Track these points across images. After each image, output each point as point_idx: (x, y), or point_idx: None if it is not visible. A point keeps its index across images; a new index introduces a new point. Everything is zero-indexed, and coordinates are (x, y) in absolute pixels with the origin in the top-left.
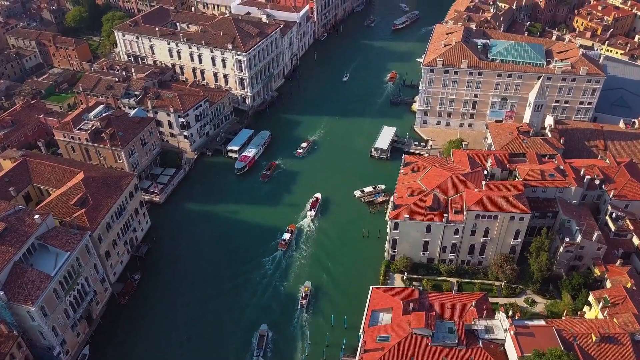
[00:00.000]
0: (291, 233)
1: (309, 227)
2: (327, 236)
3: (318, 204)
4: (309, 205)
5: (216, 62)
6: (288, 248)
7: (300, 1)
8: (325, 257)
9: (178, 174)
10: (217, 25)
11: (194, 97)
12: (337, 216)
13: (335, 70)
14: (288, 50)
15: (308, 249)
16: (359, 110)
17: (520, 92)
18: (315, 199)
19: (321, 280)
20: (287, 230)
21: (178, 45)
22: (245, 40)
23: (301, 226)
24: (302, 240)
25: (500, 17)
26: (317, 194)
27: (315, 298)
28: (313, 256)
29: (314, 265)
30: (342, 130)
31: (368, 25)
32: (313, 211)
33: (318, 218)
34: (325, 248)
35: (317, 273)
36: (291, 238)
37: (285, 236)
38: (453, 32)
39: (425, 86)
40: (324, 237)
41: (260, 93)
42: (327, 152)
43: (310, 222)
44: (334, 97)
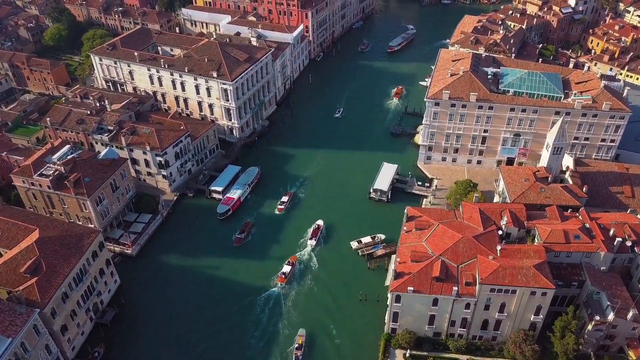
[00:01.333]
0: (292, 265)
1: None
2: (317, 302)
3: (292, 269)
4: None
5: (200, 91)
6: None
7: (295, 19)
8: (313, 325)
9: (155, 220)
10: (202, 50)
11: (173, 132)
12: (330, 274)
13: (331, 95)
14: (280, 74)
15: (297, 310)
16: (356, 142)
17: (535, 128)
18: (288, 264)
19: (315, 333)
20: (288, 262)
21: (159, 71)
22: (232, 67)
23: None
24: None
25: (510, 40)
26: (292, 256)
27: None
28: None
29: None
30: (337, 166)
31: (362, 50)
32: (288, 268)
33: (298, 281)
34: (314, 314)
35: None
36: (292, 271)
37: (285, 269)
38: (460, 59)
39: (430, 120)
40: (312, 302)
41: (250, 123)
42: (321, 192)
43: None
44: (329, 127)
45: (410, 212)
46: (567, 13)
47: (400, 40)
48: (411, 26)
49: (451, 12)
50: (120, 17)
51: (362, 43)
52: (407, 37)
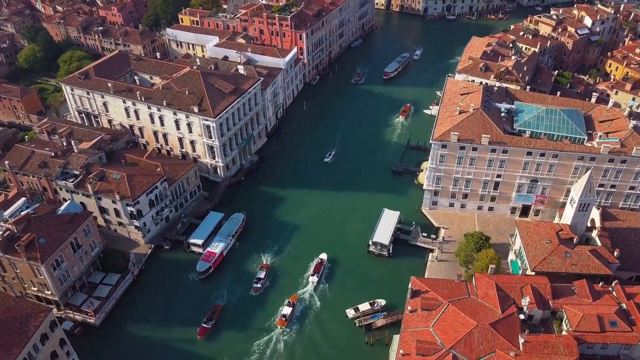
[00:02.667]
0: (293, 306)
1: None
2: None
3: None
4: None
5: (181, 126)
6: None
7: (288, 41)
8: None
9: (124, 281)
10: (183, 81)
11: (148, 177)
12: (321, 353)
13: (327, 125)
14: (271, 103)
15: None
16: (353, 181)
17: (555, 174)
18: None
19: None
20: (288, 303)
21: (135, 104)
22: (216, 101)
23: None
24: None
25: (523, 67)
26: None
27: None
28: None
29: None
30: (332, 212)
31: (356, 82)
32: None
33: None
34: None
35: None
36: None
37: (285, 310)
38: (469, 93)
39: (436, 163)
40: None
41: (236, 159)
42: (312, 245)
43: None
44: (324, 163)
45: (415, 284)
46: (583, 34)
47: (396, 66)
48: (418, 51)
49: (456, 28)
50: (100, 38)
51: (355, 73)
52: (403, 62)
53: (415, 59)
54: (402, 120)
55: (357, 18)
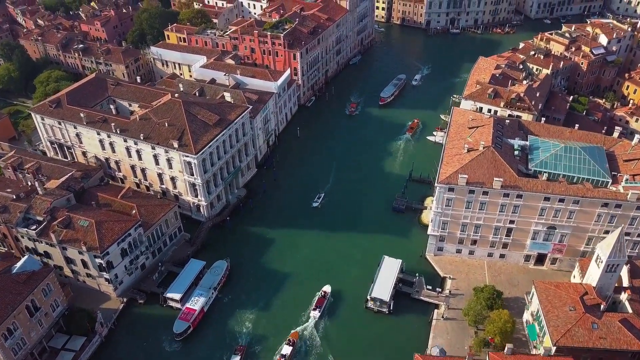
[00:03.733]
0: (293, 345)
1: None
2: None
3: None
4: None
5: (160, 161)
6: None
7: (281, 60)
8: None
9: (90, 344)
10: (162, 111)
11: (120, 223)
12: None
13: (322, 152)
14: (262, 131)
15: None
16: (350, 220)
17: (575, 221)
18: None
19: None
20: (288, 341)
21: (110, 136)
22: (198, 134)
23: None
24: None
25: (535, 92)
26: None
27: None
28: None
29: None
30: (326, 257)
31: (350, 113)
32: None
33: None
34: None
35: None
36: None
37: (285, 350)
38: (478, 127)
39: (442, 208)
40: None
41: (222, 196)
42: (303, 300)
43: None
44: (320, 193)
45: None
46: (598, 54)
47: (392, 90)
48: (418, 75)
49: (461, 43)
50: (80, 56)
51: (349, 103)
52: (400, 85)
53: (414, 85)
54: (408, 137)
55: (356, 33)
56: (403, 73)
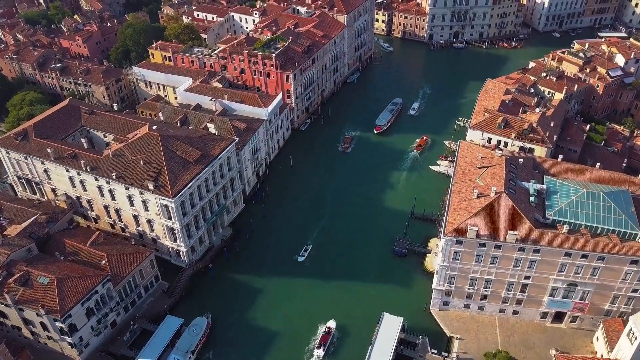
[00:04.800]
0: None
1: None
2: None
3: None
4: None
5: (135, 203)
6: None
7: (273, 82)
8: None
9: None
10: (138, 147)
11: (85, 279)
12: None
13: (316, 184)
14: (251, 162)
15: None
16: (346, 267)
17: (599, 278)
18: None
19: None
20: None
21: (80, 174)
22: (176, 174)
23: None
24: None
25: (549, 122)
26: None
27: None
28: None
29: None
30: (320, 310)
31: (344, 150)
32: None
33: None
34: None
35: None
36: None
37: None
38: (488, 167)
39: (449, 261)
40: None
41: (204, 238)
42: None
43: None
44: (312, 235)
45: None
46: (615, 77)
47: (388, 116)
48: (416, 103)
49: (465, 58)
50: (58, 76)
51: (343, 138)
52: (396, 110)
53: (412, 114)
54: (417, 154)
55: (354, 49)
56: (400, 96)
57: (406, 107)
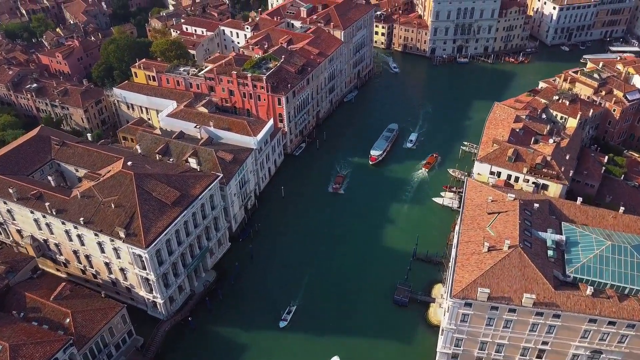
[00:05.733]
0: None
1: None
2: None
3: None
4: None
5: (106, 250)
6: None
7: (264, 105)
8: None
9: None
10: (110, 186)
11: (43, 345)
12: None
13: (309, 218)
14: (238, 196)
15: None
16: (340, 317)
17: (628, 346)
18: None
19: None
20: None
21: (46, 217)
22: (151, 219)
23: None
24: None
25: (564, 154)
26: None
27: None
28: None
29: None
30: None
31: (335, 190)
32: None
33: None
34: None
35: None
36: None
37: None
38: (499, 213)
39: (456, 324)
40: None
41: (185, 285)
42: None
43: None
44: (302, 286)
45: None
46: (634, 100)
47: (384, 145)
48: (395, 126)
49: (470, 74)
50: (34, 97)
51: (334, 177)
52: (392, 137)
53: (410, 148)
54: (424, 173)
55: (352, 65)
56: (400, 116)
57: (403, 132)
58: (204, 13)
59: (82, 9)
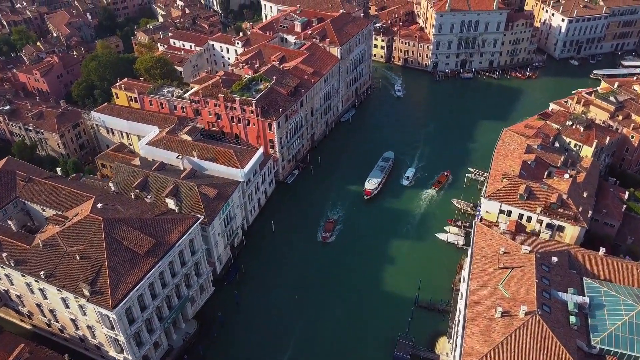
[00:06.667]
0: None
1: None
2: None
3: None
4: None
5: (70, 306)
6: None
7: (254, 130)
8: None
9: None
10: (77, 234)
11: None
12: None
13: (301, 257)
14: (223, 235)
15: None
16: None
17: None
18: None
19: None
20: None
21: (4, 267)
22: (120, 273)
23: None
24: None
25: (582, 191)
26: None
27: None
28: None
29: None
30: None
31: (324, 240)
32: None
33: None
34: None
35: None
36: None
37: None
38: (513, 268)
39: None
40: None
41: (161, 341)
42: None
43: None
44: (294, 334)
45: None
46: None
47: (379, 177)
48: (391, 155)
49: (474, 91)
50: (6, 120)
51: (323, 223)
52: (387, 167)
53: (406, 185)
54: (434, 192)
55: (349, 83)
56: (398, 139)
57: (400, 162)
58: (194, 25)
59: (65, 20)
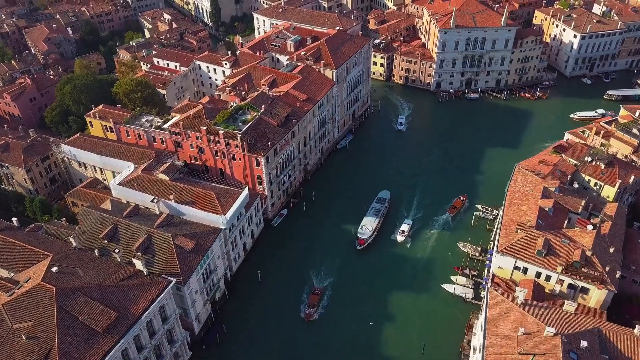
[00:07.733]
0: None
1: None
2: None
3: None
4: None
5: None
6: None
7: (240, 165)
8: None
9: None
10: (24, 306)
11: None
12: None
13: (291, 311)
14: (201, 292)
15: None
16: None
17: None
18: None
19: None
20: None
21: None
22: (73, 357)
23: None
24: None
25: (607, 246)
26: None
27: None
28: None
29: None
30: None
31: (308, 318)
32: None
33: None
34: None
35: None
36: None
37: None
38: (535, 355)
39: None
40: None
41: None
42: None
43: None
44: None
45: None
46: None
47: (374, 222)
48: (387, 195)
49: (481, 113)
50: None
51: (308, 298)
52: (383, 211)
53: (401, 241)
54: (448, 218)
55: (346, 107)
56: (397, 169)
57: (397, 202)
58: (182, 40)
59: (44, 35)
